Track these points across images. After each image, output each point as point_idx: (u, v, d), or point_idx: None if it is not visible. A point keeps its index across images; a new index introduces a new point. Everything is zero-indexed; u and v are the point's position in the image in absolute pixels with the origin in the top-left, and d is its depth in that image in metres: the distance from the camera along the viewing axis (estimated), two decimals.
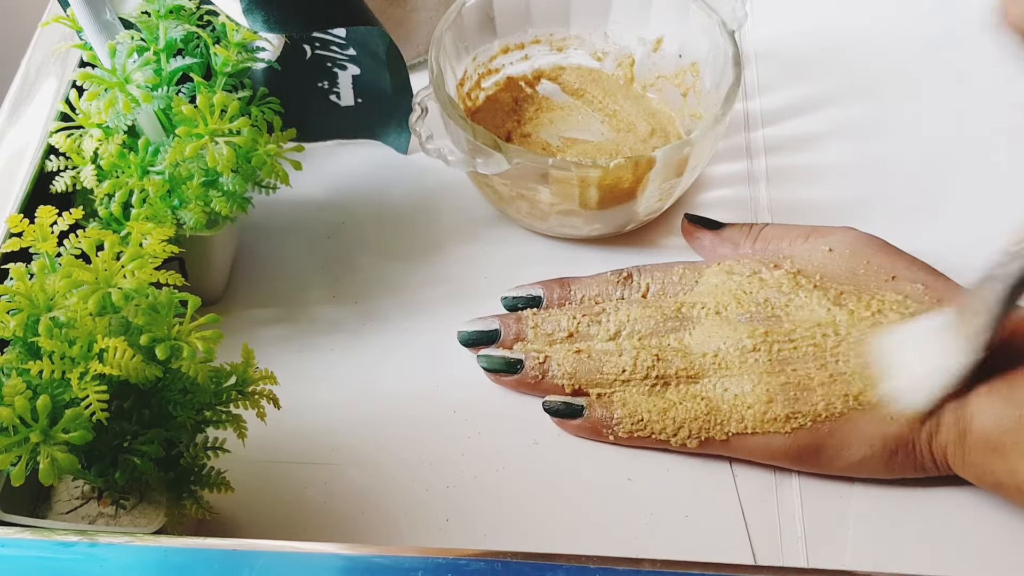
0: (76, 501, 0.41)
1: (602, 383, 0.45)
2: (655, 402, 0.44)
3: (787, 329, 0.43)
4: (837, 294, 0.44)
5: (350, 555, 0.35)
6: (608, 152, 0.56)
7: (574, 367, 0.46)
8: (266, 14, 0.46)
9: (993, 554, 0.43)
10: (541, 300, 0.49)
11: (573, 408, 0.45)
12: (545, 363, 0.46)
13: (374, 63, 0.53)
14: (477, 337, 0.48)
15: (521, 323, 0.48)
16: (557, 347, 0.47)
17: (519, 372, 0.46)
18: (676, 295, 0.47)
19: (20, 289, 0.36)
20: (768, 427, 0.42)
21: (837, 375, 0.42)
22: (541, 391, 0.46)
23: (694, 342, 0.45)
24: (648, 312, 0.46)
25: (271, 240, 0.55)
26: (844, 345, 0.42)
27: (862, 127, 0.59)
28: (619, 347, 0.45)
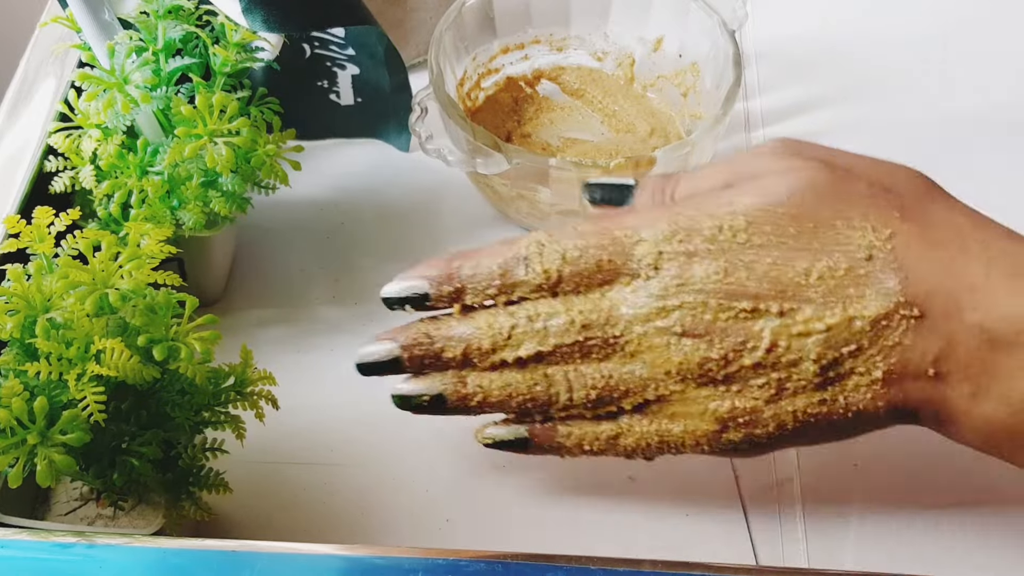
0: (75, 502, 0.41)
1: (540, 411, 0.40)
2: (603, 428, 0.40)
3: (720, 350, 0.37)
4: (773, 285, 0.37)
5: (349, 556, 0.35)
6: (608, 152, 0.56)
7: (503, 399, 0.39)
8: (265, 14, 0.46)
9: (993, 554, 0.43)
10: (428, 296, 0.40)
11: (516, 443, 0.41)
12: (468, 395, 0.40)
13: (373, 62, 0.53)
14: (377, 369, 0.41)
15: (424, 347, 0.40)
16: (474, 373, 0.40)
17: (442, 408, 0.40)
18: (599, 284, 0.38)
19: (17, 290, 0.36)
20: (727, 447, 0.39)
21: (781, 391, 0.37)
22: (474, 415, 0.41)
23: (630, 367, 0.38)
24: (569, 329, 0.38)
25: (270, 240, 0.55)
26: (785, 359, 0.36)
27: (862, 127, 0.59)
28: (548, 374, 0.39)
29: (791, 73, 0.62)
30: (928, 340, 0.36)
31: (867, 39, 0.64)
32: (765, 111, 0.60)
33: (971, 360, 0.35)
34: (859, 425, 0.38)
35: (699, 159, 0.51)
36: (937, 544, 0.43)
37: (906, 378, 0.36)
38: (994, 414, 0.36)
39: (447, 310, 0.41)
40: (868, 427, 0.38)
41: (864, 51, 0.63)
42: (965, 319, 0.35)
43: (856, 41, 0.64)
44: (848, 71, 0.62)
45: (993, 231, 0.37)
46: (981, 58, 0.62)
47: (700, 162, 0.51)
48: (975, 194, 0.55)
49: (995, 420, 0.36)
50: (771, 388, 0.37)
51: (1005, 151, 0.58)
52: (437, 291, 0.40)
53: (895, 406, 0.37)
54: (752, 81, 0.62)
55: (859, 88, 0.61)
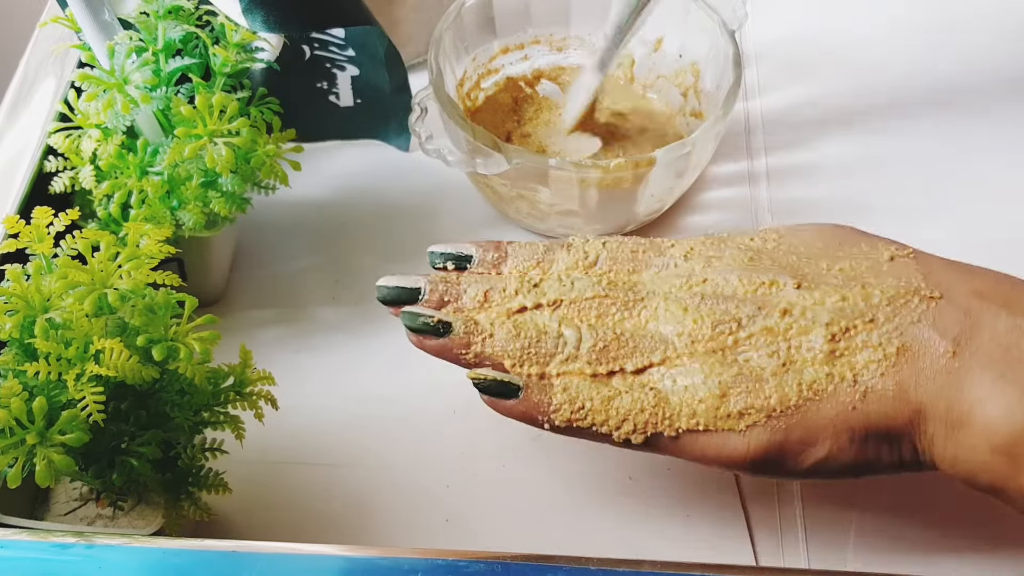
0: (74, 503, 0.41)
1: (540, 362, 0.39)
2: (598, 389, 0.38)
3: (735, 313, 0.38)
4: (794, 271, 0.38)
5: (349, 556, 0.35)
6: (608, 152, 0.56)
7: (509, 339, 0.39)
8: (265, 14, 0.46)
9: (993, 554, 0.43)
10: (472, 260, 0.42)
11: (508, 388, 0.39)
12: (477, 331, 0.39)
13: (373, 63, 0.53)
14: (397, 295, 0.41)
15: (449, 284, 0.41)
16: (491, 315, 0.40)
17: (446, 336, 0.39)
18: (629, 272, 0.41)
19: (16, 290, 0.36)
20: (721, 424, 0.37)
21: (789, 362, 0.37)
22: (469, 362, 0.40)
23: (643, 326, 0.39)
24: (595, 286, 0.40)
25: (270, 241, 0.55)
26: (796, 327, 0.37)
27: (862, 127, 0.59)
28: (561, 323, 0.39)
29: (791, 73, 0.62)
30: (949, 319, 0.35)
31: (867, 39, 0.64)
32: (765, 111, 0.60)
33: (996, 344, 0.34)
34: (865, 420, 0.35)
35: (699, 159, 0.51)
36: (937, 544, 0.43)
37: (921, 356, 0.35)
38: (1017, 406, 0.33)
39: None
40: (876, 429, 0.36)
41: (864, 51, 0.63)
42: (991, 307, 0.35)
43: (856, 41, 0.64)
44: (848, 71, 0.62)
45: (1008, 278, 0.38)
46: (981, 58, 0.62)
47: (700, 162, 0.51)
48: (976, 194, 0.55)
49: (1017, 414, 0.33)
50: (779, 357, 0.37)
51: (1005, 151, 0.58)
52: (482, 255, 0.42)
53: (905, 391, 0.35)
54: (752, 81, 0.62)
55: (859, 88, 0.61)
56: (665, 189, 0.51)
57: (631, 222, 0.53)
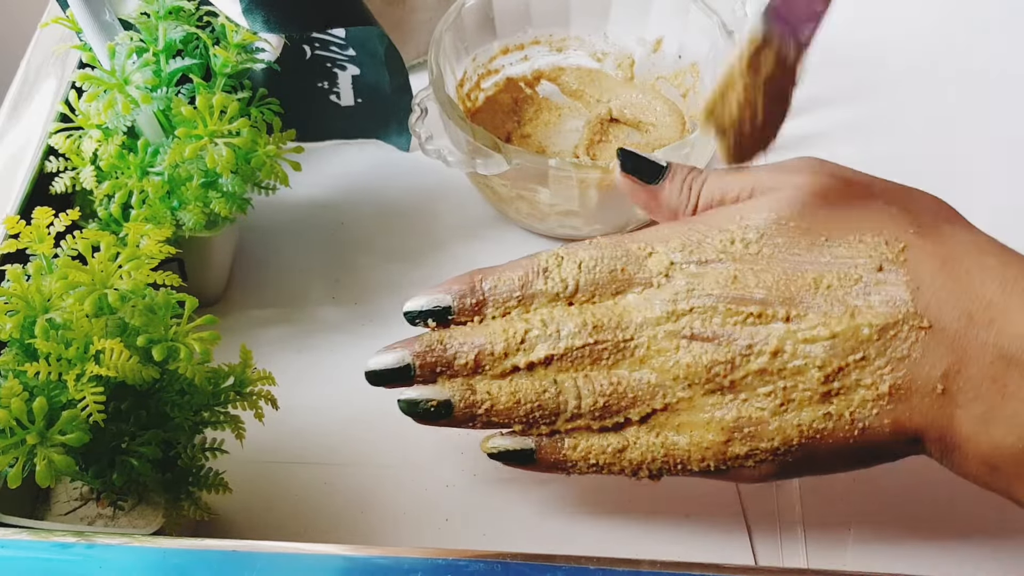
0: (75, 502, 0.41)
1: (547, 422, 0.39)
2: (609, 441, 0.39)
3: (727, 354, 0.37)
4: (781, 294, 0.37)
5: (349, 556, 0.35)
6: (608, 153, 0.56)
7: (511, 407, 0.39)
8: (266, 15, 0.46)
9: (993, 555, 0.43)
10: (451, 309, 0.40)
11: (522, 455, 0.40)
12: (477, 403, 0.39)
13: (373, 63, 0.53)
14: (387, 377, 0.40)
15: (436, 353, 0.40)
16: (486, 378, 0.40)
17: (448, 416, 0.40)
18: (612, 294, 0.39)
19: (16, 291, 0.36)
20: (731, 464, 0.38)
21: (787, 402, 0.37)
22: (479, 428, 0.41)
23: (638, 369, 0.38)
24: (582, 331, 0.39)
25: (270, 241, 0.55)
26: (789, 368, 0.36)
27: (862, 127, 0.59)
28: (557, 381, 0.39)
29: None
30: (937, 353, 0.35)
31: (867, 39, 0.64)
32: None
33: (983, 378, 0.35)
34: (866, 448, 0.37)
35: (699, 159, 0.51)
36: (937, 545, 0.43)
37: (913, 394, 0.35)
38: (1003, 439, 0.34)
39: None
40: (875, 452, 0.37)
41: (864, 51, 0.63)
42: (979, 336, 0.35)
43: (856, 42, 0.64)
44: (848, 71, 0.62)
45: (1012, 253, 0.37)
46: (981, 58, 0.62)
47: (700, 162, 0.51)
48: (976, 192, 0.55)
49: (1003, 446, 0.35)
50: (776, 398, 0.37)
51: (1005, 150, 0.58)
52: (460, 304, 0.40)
53: (901, 426, 0.36)
54: None
55: (859, 88, 0.61)
56: None
57: (631, 222, 0.53)
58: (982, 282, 0.36)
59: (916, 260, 0.37)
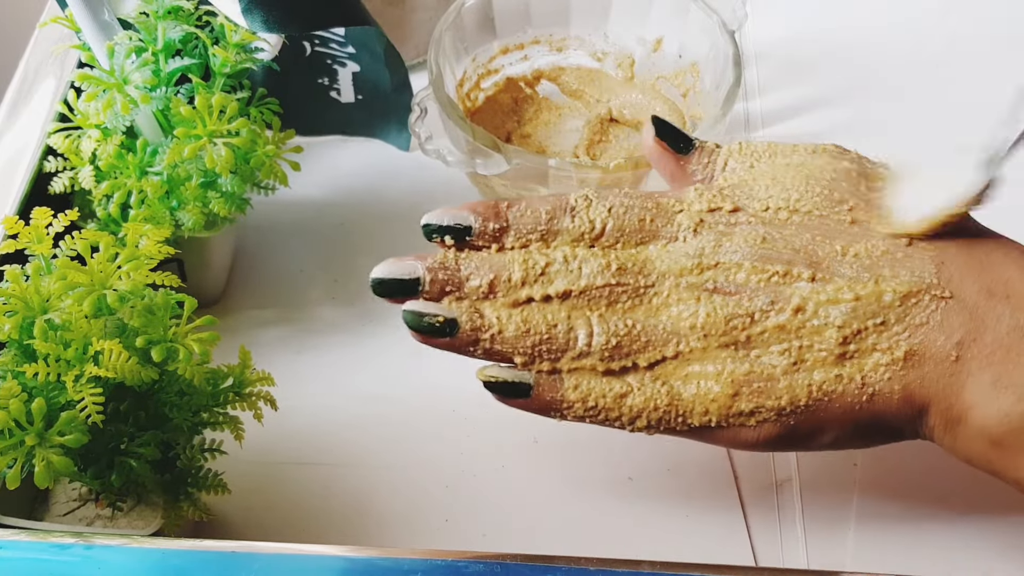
0: (74, 503, 0.41)
1: (551, 358, 0.38)
2: (611, 386, 0.38)
3: (748, 308, 0.37)
4: (808, 257, 0.38)
5: (348, 556, 0.35)
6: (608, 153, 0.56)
7: (519, 336, 0.38)
8: (265, 14, 0.46)
9: (993, 555, 0.43)
10: (471, 230, 0.39)
11: (518, 388, 0.38)
12: (484, 326, 0.38)
13: (373, 60, 0.53)
14: (393, 287, 0.39)
15: (450, 272, 0.39)
16: (496, 305, 0.39)
17: (452, 335, 0.38)
18: (636, 243, 0.39)
19: (15, 291, 0.36)
20: (733, 421, 0.37)
21: (800, 362, 0.37)
22: (477, 357, 0.39)
23: (655, 315, 0.38)
24: (604, 272, 0.38)
25: (270, 241, 0.55)
26: (809, 327, 0.37)
27: (862, 127, 0.59)
28: (571, 317, 0.38)
29: (791, 73, 0.62)
30: (955, 323, 0.36)
31: (867, 39, 0.64)
32: (765, 111, 0.60)
33: (997, 347, 0.35)
34: (871, 418, 0.37)
35: None
36: (937, 545, 0.43)
37: (927, 361, 0.36)
38: (1012, 407, 0.35)
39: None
40: (879, 424, 0.37)
41: (864, 51, 0.63)
42: (996, 308, 0.36)
43: (855, 41, 0.64)
44: (848, 71, 0.62)
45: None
46: (981, 57, 0.62)
47: None
48: None
49: (1012, 415, 0.35)
50: (791, 356, 0.37)
51: None
52: (482, 226, 0.39)
53: (911, 394, 0.36)
54: (752, 81, 0.62)
55: (859, 88, 0.61)
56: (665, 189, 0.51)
57: None
58: (1003, 264, 0.37)
59: (942, 239, 0.37)
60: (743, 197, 0.39)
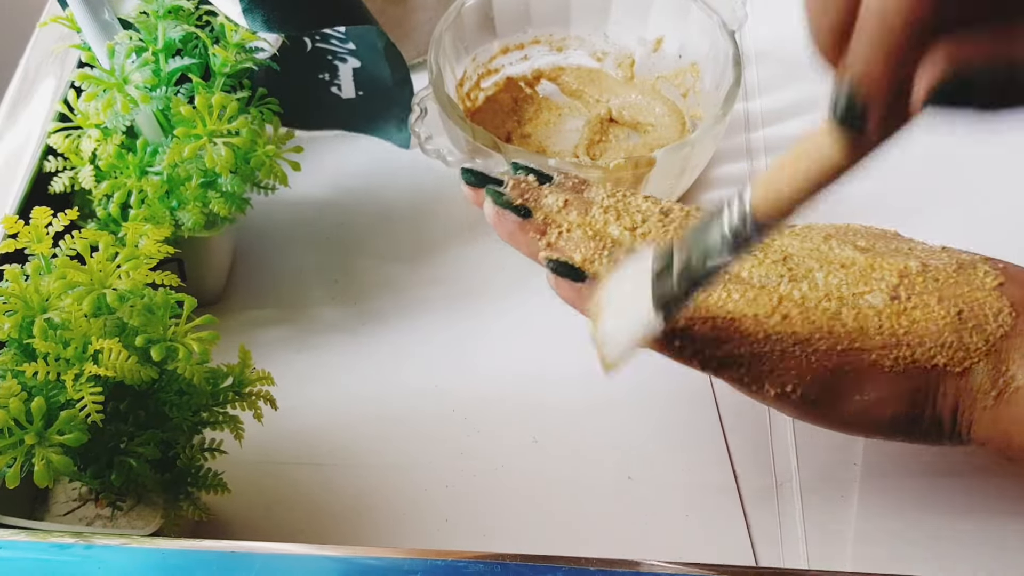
0: (73, 503, 0.41)
1: (611, 265, 0.39)
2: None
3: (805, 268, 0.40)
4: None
5: (348, 557, 0.35)
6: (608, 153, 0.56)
7: (585, 239, 0.40)
8: (265, 14, 0.46)
9: (993, 555, 0.43)
10: (552, 180, 0.42)
11: (578, 272, 0.39)
12: (555, 223, 0.40)
13: (374, 56, 0.53)
14: (478, 180, 0.42)
15: (530, 187, 0.41)
16: (568, 215, 0.41)
17: (526, 218, 0.40)
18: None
19: (15, 290, 0.36)
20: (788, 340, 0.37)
21: (857, 295, 0.38)
22: (540, 249, 0.40)
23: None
24: (670, 221, 0.40)
25: (270, 241, 0.55)
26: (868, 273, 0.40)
27: None
28: (635, 240, 0.40)
29: (791, 73, 0.62)
30: (1011, 290, 0.37)
31: None
32: (765, 111, 0.60)
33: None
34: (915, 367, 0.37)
35: (699, 159, 0.51)
36: (936, 545, 0.43)
37: (977, 318, 0.37)
38: None
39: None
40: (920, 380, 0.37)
41: None
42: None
43: None
44: None
45: None
46: None
47: (700, 163, 0.51)
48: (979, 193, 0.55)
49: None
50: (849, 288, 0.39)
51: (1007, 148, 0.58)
52: (563, 180, 0.42)
53: (964, 344, 0.36)
54: (752, 81, 0.62)
55: None
56: (665, 189, 0.51)
57: None
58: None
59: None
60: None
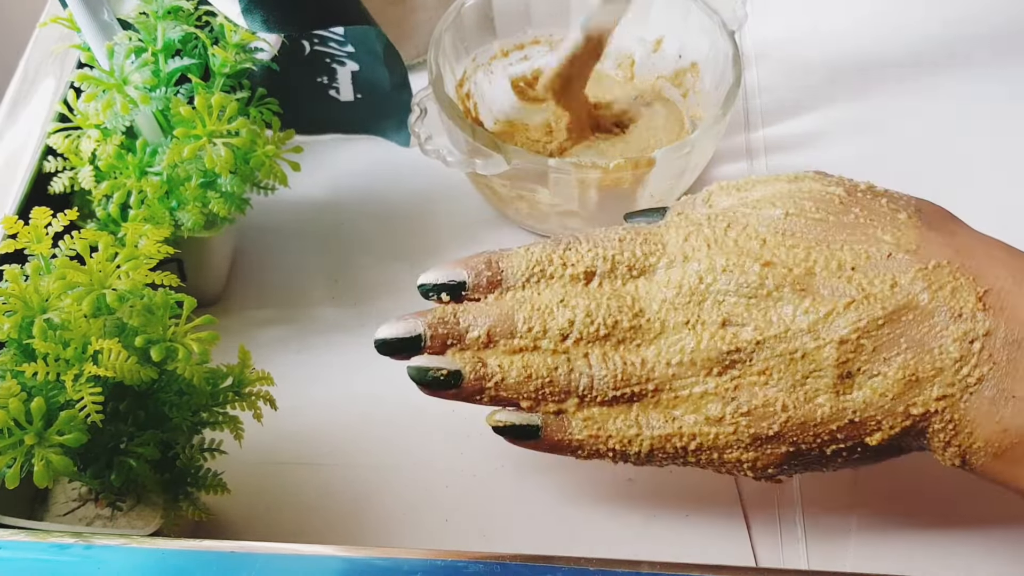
0: (73, 503, 0.41)
1: (556, 400, 0.39)
2: (619, 428, 0.39)
3: (752, 341, 0.37)
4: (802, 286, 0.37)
5: (348, 557, 0.35)
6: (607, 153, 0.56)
7: (522, 382, 0.39)
8: (264, 14, 0.46)
9: (992, 556, 0.43)
10: (465, 285, 0.40)
11: (527, 430, 0.39)
12: (487, 376, 0.39)
13: (373, 59, 0.53)
14: (396, 346, 0.40)
15: (449, 326, 0.39)
16: (496, 352, 0.39)
17: (457, 387, 0.39)
18: (628, 279, 0.39)
19: (14, 291, 0.36)
20: (736, 455, 0.38)
21: (798, 386, 0.37)
22: (484, 404, 0.40)
23: (655, 355, 0.38)
24: (599, 308, 0.38)
25: (270, 241, 0.55)
26: (804, 350, 0.36)
27: (862, 127, 0.59)
28: (570, 357, 0.39)
29: (791, 73, 0.62)
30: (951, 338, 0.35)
31: (867, 39, 0.64)
32: (765, 111, 0.60)
33: (995, 360, 0.35)
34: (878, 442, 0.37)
35: (699, 159, 0.51)
36: (937, 545, 0.43)
37: (924, 380, 0.36)
38: (1011, 422, 0.35)
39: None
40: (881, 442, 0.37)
41: (863, 51, 0.63)
42: (992, 320, 0.35)
43: (855, 41, 0.64)
44: (847, 71, 0.62)
45: (1014, 248, 0.38)
46: (980, 57, 0.62)
47: (700, 163, 0.51)
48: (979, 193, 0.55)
49: (1011, 430, 0.35)
50: (790, 380, 0.37)
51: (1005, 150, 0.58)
52: (476, 280, 0.40)
53: (910, 414, 0.36)
54: (752, 81, 0.62)
55: (859, 88, 0.61)
56: (665, 189, 0.51)
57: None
58: (992, 270, 0.36)
59: (928, 251, 0.37)
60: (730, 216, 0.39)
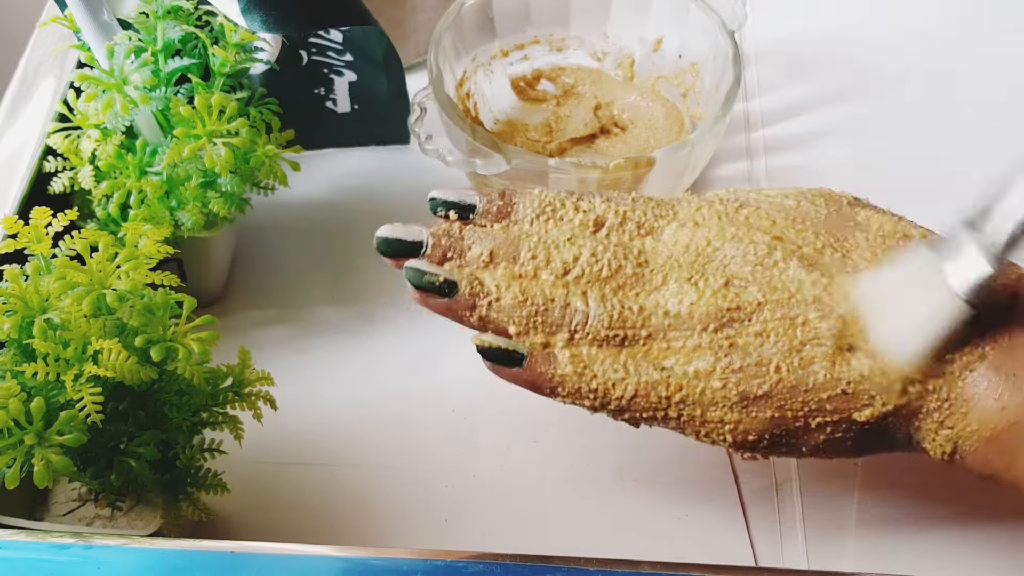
0: (73, 503, 0.41)
1: (545, 331, 0.38)
2: (604, 370, 0.38)
3: (754, 302, 0.37)
4: (810, 262, 0.37)
5: (348, 557, 0.35)
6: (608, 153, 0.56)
7: (515, 305, 0.38)
8: (264, 14, 0.46)
9: (992, 556, 0.43)
10: (475, 209, 0.40)
11: (511, 357, 0.38)
12: (482, 292, 0.38)
13: (371, 67, 0.53)
14: (397, 247, 0.40)
15: (453, 239, 0.39)
16: (495, 273, 0.39)
17: (451, 296, 0.38)
18: (635, 236, 0.39)
19: (15, 291, 0.36)
20: (720, 415, 0.37)
21: (794, 351, 0.36)
22: (473, 324, 0.39)
23: (652, 296, 0.38)
24: (604, 251, 0.38)
25: (270, 241, 0.55)
26: (804, 316, 0.36)
27: (862, 127, 0.59)
28: (569, 292, 0.38)
29: (791, 73, 0.62)
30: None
31: (866, 39, 0.64)
32: (765, 111, 0.60)
33: (991, 339, 0.35)
34: (868, 415, 0.36)
35: (699, 159, 0.51)
36: (937, 545, 0.43)
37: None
38: (1009, 401, 0.35)
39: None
40: (871, 421, 0.36)
41: (863, 51, 0.63)
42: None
43: (855, 41, 0.64)
44: (847, 71, 0.62)
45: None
46: (980, 57, 0.62)
47: (700, 163, 0.51)
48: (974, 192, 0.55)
49: (1009, 408, 0.34)
50: (787, 343, 0.36)
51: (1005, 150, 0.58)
52: (486, 206, 0.40)
53: (906, 386, 0.35)
54: (752, 81, 0.62)
55: (859, 88, 0.61)
56: (665, 189, 0.51)
57: None
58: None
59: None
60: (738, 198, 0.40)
